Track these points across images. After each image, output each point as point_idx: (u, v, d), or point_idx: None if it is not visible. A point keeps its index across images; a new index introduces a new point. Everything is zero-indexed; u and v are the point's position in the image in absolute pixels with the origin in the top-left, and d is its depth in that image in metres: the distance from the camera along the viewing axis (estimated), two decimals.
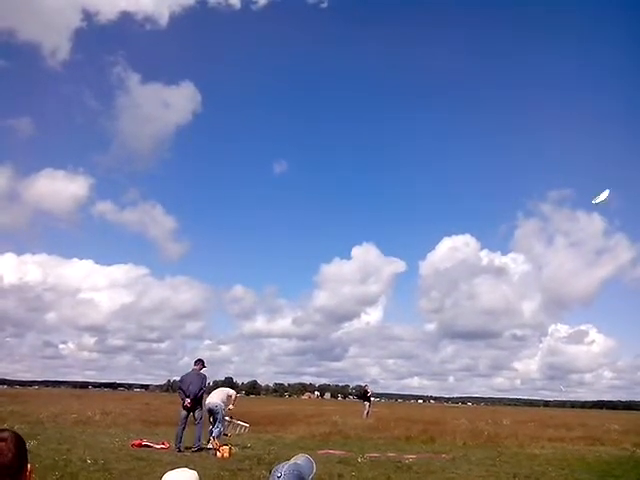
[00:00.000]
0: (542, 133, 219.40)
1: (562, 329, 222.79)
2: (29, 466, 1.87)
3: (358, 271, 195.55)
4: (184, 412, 12.87)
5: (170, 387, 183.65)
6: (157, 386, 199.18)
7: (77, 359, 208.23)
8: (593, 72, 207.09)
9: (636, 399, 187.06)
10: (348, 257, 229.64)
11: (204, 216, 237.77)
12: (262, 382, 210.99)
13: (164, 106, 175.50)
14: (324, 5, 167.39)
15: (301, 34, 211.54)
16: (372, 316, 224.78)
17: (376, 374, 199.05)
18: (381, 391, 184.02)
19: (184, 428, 12.84)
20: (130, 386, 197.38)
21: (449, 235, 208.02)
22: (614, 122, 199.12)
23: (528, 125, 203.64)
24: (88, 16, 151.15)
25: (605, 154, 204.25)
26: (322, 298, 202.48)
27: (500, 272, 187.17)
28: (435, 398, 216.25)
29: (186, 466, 2.57)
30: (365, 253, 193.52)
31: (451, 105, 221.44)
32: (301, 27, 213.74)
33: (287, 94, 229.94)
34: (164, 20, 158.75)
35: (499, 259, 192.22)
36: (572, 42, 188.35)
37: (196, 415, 12.92)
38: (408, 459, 12.70)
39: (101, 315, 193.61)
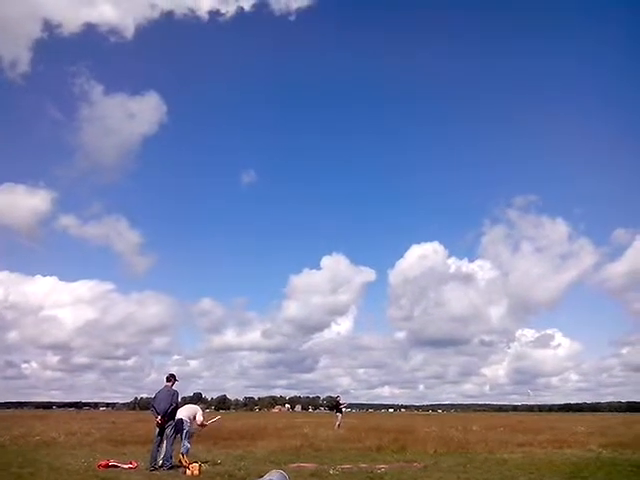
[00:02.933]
0: (506, 140, 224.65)
1: (529, 334, 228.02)
2: None
3: (328, 281, 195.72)
4: (157, 430, 12.68)
5: (137, 405, 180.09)
6: (124, 404, 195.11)
7: (40, 379, 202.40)
8: (555, 80, 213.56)
9: (601, 401, 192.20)
10: (318, 267, 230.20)
11: (171, 229, 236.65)
12: (232, 396, 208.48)
13: (129, 117, 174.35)
14: (292, 18, 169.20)
15: (269, 46, 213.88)
16: (342, 326, 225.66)
17: (347, 384, 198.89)
18: (352, 401, 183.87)
19: (159, 446, 12.61)
20: (96, 405, 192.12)
21: (418, 243, 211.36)
22: (577, 129, 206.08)
23: (493, 132, 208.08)
24: (49, 27, 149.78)
25: (568, 161, 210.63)
26: (292, 309, 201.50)
27: (468, 279, 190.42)
28: (406, 406, 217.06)
29: None
30: (335, 263, 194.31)
31: (417, 115, 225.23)
32: (269, 39, 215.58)
33: (255, 104, 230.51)
34: (129, 32, 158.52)
35: (466, 266, 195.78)
36: (536, 48, 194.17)
37: (167, 432, 12.71)
38: (380, 469, 12.67)
39: (65, 333, 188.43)
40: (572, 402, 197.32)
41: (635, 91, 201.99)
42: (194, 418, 13.65)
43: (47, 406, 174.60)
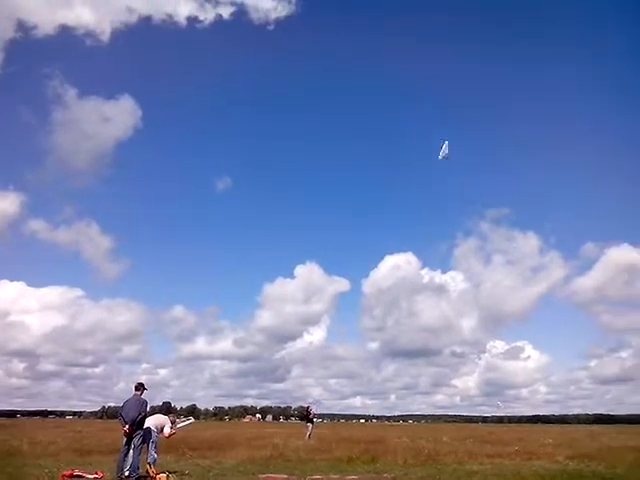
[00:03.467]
0: (480, 154, 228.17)
1: (499, 345, 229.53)
2: None
3: (301, 290, 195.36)
4: (125, 439, 12.44)
5: (105, 413, 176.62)
6: (91, 413, 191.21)
7: (4, 386, 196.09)
8: (525, 95, 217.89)
9: (569, 413, 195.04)
10: (291, 276, 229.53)
11: (143, 235, 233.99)
12: (202, 406, 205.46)
13: (103, 121, 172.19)
14: (271, 27, 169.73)
15: (246, 54, 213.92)
16: (315, 336, 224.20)
17: (319, 394, 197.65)
18: (324, 411, 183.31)
19: (126, 456, 12.36)
20: (62, 413, 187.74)
21: (391, 253, 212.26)
22: (548, 144, 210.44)
23: (467, 146, 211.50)
24: (24, 28, 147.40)
25: (540, 175, 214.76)
26: (265, 318, 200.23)
27: (440, 290, 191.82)
28: (377, 417, 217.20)
29: None
30: (308, 272, 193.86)
31: (393, 126, 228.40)
32: (247, 47, 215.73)
33: (231, 111, 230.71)
34: (106, 36, 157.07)
35: (439, 277, 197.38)
36: (508, 60, 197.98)
37: (135, 442, 12.47)
38: None
39: (32, 339, 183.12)
40: (541, 414, 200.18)
41: (603, 109, 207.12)
42: (162, 429, 13.44)
43: (11, 414, 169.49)
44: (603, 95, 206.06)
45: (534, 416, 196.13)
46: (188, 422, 16.12)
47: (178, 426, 14.65)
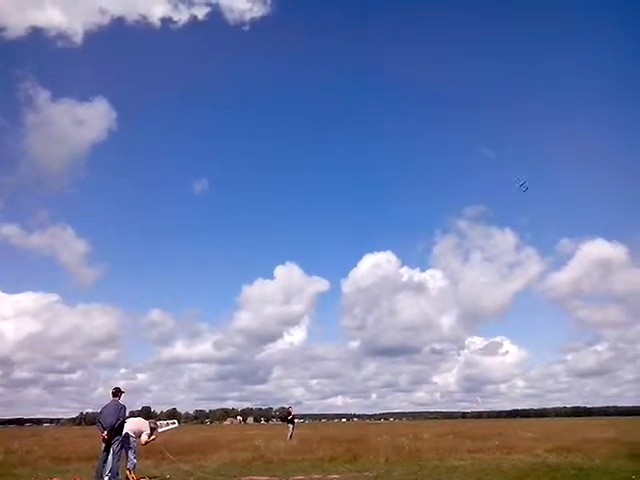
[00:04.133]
0: (457, 152, 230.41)
1: (478, 341, 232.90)
2: None
3: (281, 291, 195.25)
4: (104, 445, 12.24)
5: (83, 420, 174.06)
6: (69, 419, 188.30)
7: None
8: (501, 91, 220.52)
9: (547, 406, 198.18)
10: (271, 277, 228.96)
11: (119, 238, 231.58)
12: (182, 409, 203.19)
13: (77, 123, 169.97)
14: (246, 28, 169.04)
15: (222, 55, 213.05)
16: (295, 336, 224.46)
17: (300, 395, 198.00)
18: (305, 412, 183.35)
19: (105, 462, 12.16)
20: (39, 421, 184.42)
21: (371, 252, 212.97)
22: (523, 141, 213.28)
23: (444, 144, 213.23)
24: None
25: (516, 172, 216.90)
26: (244, 320, 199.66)
27: (420, 288, 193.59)
28: (358, 416, 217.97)
29: None
30: (288, 273, 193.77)
31: (371, 125, 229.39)
32: (222, 48, 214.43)
33: (207, 112, 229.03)
34: (78, 37, 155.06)
35: (418, 275, 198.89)
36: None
37: (114, 448, 12.27)
38: (332, 479, 12.65)
39: (6, 346, 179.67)
40: (519, 408, 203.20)
41: (583, 104, 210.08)
42: (140, 435, 13.26)
43: None
44: (583, 91, 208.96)
45: (513, 410, 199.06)
46: (172, 426, 15.92)
47: (161, 430, 14.46)
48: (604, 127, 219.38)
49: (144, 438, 13.31)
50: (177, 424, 16.73)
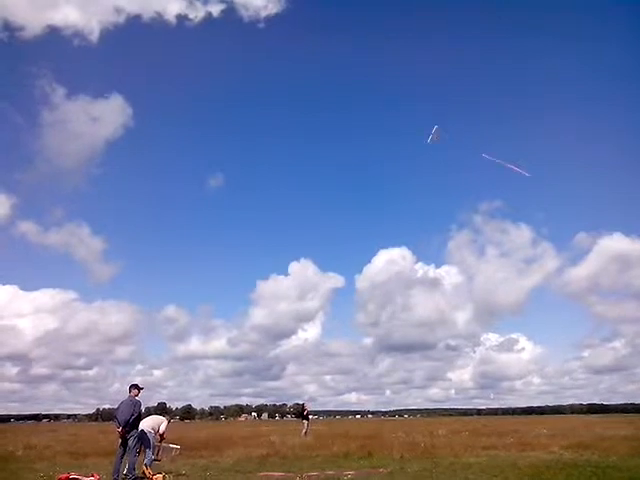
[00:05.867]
0: (472, 146, 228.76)
1: (493, 338, 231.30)
2: None
3: (295, 287, 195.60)
4: (120, 441, 12.39)
5: (100, 416, 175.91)
6: (86, 415, 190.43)
7: None
8: (520, 86, 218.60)
9: (563, 403, 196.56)
10: (285, 273, 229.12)
11: (135, 235, 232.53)
12: (197, 406, 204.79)
13: (92, 120, 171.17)
14: (261, 25, 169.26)
15: (237, 52, 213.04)
16: (310, 332, 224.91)
17: (314, 391, 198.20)
18: (319, 408, 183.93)
19: (122, 457, 12.31)
20: (56, 417, 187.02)
21: (385, 248, 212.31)
22: (540, 135, 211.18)
23: (459, 139, 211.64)
24: (10, 29, 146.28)
25: (532, 166, 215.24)
26: (258, 316, 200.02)
27: (435, 284, 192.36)
28: (373, 412, 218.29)
29: None
30: (302, 269, 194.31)
31: (385, 121, 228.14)
32: (237, 45, 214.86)
33: (223, 108, 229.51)
34: (94, 35, 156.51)
35: (433, 271, 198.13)
36: (504, 53, 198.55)
37: (130, 443, 12.40)
38: (347, 475, 12.69)
39: (24, 343, 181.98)
40: (535, 405, 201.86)
41: (597, 99, 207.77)
42: (158, 429, 13.38)
43: (4, 419, 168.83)
44: (595, 86, 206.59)
45: (528, 407, 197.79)
46: (174, 447, 16.18)
47: (167, 445, 14.59)
48: (623, 121, 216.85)
49: (162, 429, 13.37)
50: (179, 448, 16.88)
